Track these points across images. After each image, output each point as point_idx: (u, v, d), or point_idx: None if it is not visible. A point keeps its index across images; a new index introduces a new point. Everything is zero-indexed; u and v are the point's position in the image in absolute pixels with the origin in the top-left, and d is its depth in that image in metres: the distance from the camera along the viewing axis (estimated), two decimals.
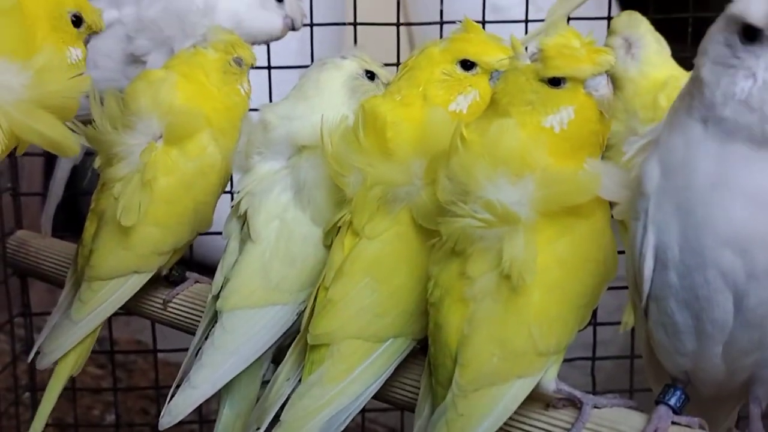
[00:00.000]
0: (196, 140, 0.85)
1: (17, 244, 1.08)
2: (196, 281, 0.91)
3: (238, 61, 0.89)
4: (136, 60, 0.99)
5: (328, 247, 0.75)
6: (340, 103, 0.78)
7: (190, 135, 0.85)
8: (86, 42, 0.73)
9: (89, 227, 0.88)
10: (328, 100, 0.78)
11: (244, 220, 0.78)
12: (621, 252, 0.64)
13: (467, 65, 0.73)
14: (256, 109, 0.82)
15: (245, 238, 0.77)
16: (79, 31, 0.73)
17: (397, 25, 1.12)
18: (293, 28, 1.03)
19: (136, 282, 0.86)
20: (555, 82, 0.60)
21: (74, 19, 0.72)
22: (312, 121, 0.76)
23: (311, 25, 1.09)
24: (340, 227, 0.73)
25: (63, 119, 0.66)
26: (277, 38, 1.04)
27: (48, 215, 1.11)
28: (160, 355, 1.23)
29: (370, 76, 0.80)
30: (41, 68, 0.64)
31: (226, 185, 0.90)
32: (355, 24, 1.12)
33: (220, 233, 0.81)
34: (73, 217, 1.26)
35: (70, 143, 0.67)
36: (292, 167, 0.77)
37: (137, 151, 0.84)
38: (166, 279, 0.90)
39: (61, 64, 0.68)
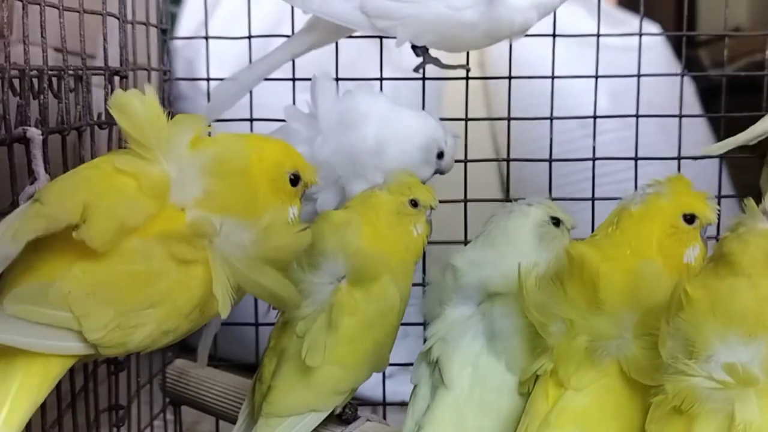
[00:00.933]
0: (380, 283, 0.86)
1: (177, 374, 1.09)
2: (368, 420, 0.91)
3: (414, 203, 0.91)
4: (307, 198, 1.02)
5: (523, 395, 0.74)
6: (529, 250, 0.79)
7: (375, 277, 0.86)
8: (301, 197, 0.76)
9: (268, 364, 0.89)
10: (517, 247, 0.79)
11: (434, 365, 0.78)
12: None
13: (689, 219, 0.74)
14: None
15: (437, 384, 0.77)
16: (296, 189, 0.75)
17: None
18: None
19: (313, 420, 0.86)
20: None
21: (292, 178, 0.75)
22: (502, 268, 0.77)
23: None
24: (537, 376, 0.72)
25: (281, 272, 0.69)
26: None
27: (205, 345, 1.13)
28: None
29: (555, 222, 0.81)
30: (267, 226, 0.67)
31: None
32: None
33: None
34: None
35: (293, 297, 0.70)
36: (483, 314, 0.78)
37: (321, 291, 0.85)
38: (338, 417, 0.90)
39: (284, 220, 0.71)
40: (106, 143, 0.86)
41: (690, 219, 0.74)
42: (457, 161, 1.05)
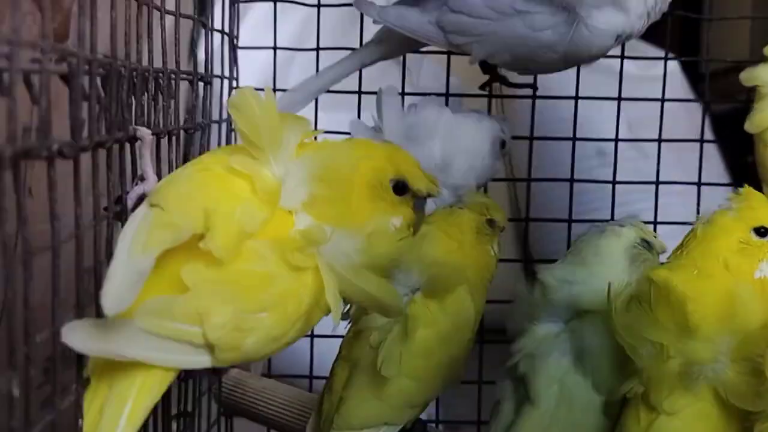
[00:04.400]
0: (455, 295, 0.86)
1: (232, 384, 1.09)
2: None
3: (491, 223, 0.91)
4: None
5: (609, 416, 0.74)
6: (621, 270, 0.79)
7: (450, 289, 0.86)
8: (419, 207, 0.73)
9: (339, 375, 0.88)
10: (609, 267, 0.79)
11: (519, 381, 0.78)
12: None
13: (761, 232, 0.74)
14: None
15: (522, 400, 0.77)
16: (401, 198, 0.71)
17: None
18: None
19: None
20: None
21: (396, 185, 0.71)
22: (593, 286, 0.77)
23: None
24: (625, 397, 0.72)
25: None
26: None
27: None
28: None
29: (646, 245, 0.81)
30: (370, 233, 0.66)
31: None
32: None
33: None
34: None
35: (395, 304, 0.68)
36: (572, 331, 0.78)
37: None
38: None
39: (387, 228, 0.69)
40: (198, 148, 0.87)
41: (763, 232, 0.73)
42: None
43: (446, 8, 0.94)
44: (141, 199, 0.65)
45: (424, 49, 1.06)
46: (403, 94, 1.11)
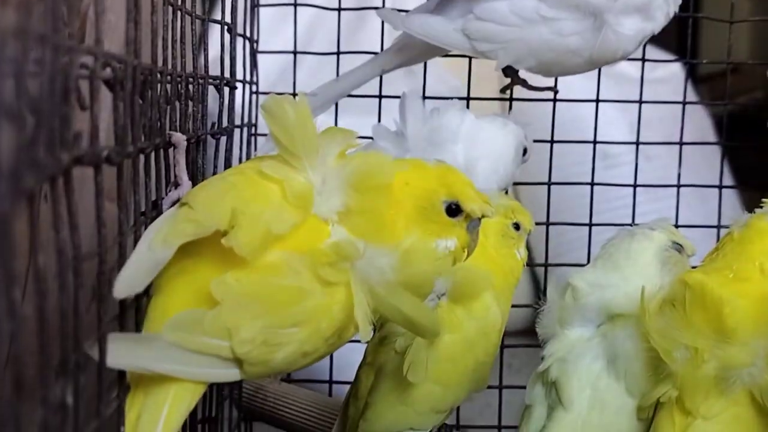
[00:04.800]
0: (481, 300, 0.86)
1: (253, 389, 1.08)
2: None
3: (517, 226, 0.91)
4: None
5: (642, 420, 0.74)
6: (653, 274, 0.78)
7: (476, 295, 0.86)
8: (472, 228, 0.71)
9: (365, 380, 0.88)
10: (641, 271, 0.78)
11: (551, 386, 0.78)
12: None
13: None
14: None
15: (554, 404, 0.77)
16: (454, 221, 0.69)
17: None
18: None
19: None
20: None
21: (450, 207, 0.69)
22: (625, 290, 0.77)
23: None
24: (659, 402, 0.72)
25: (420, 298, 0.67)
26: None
27: None
28: None
29: (678, 248, 0.81)
30: (406, 251, 0.65)
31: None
32: None
33: None
34: None
35: (431, 325, 0.67)
36: (604, 335, 0.77)
37: None
38: None
39: (426, 248, 0.67)
40: (223, 153, 0.86)
41: None
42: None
43: (472, 16, 0.94)
44: (175, 204, 0.65)
45: None
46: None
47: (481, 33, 0.95)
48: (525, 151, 1.01)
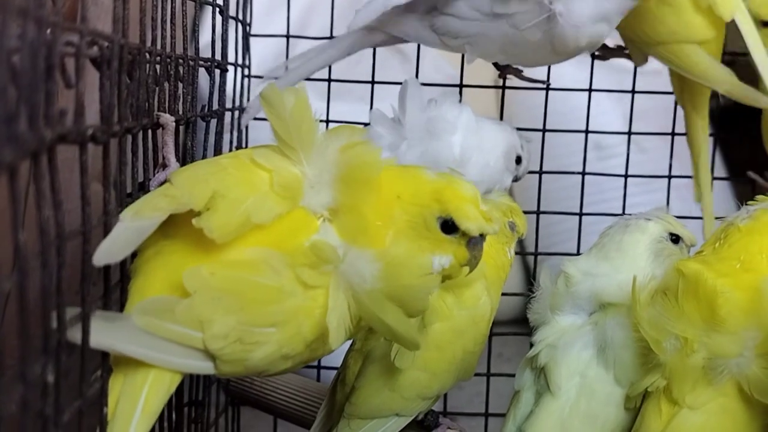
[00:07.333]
0: (472, 289, 0.86)
1: None
2: (449, 428, 0.90)
3: (512, 226, 0.91)
4: None
5: (629, 410, 0.74)
6: (644, 265, 0.78)
7: (467, 284, 0.86)
8: (473, 244, 0.69)
9: (352, 365, 0.88)
10: (632, 261, 0.78)
11: (539, 372, 0.78)
12: None
13: None
14: None
15: (542, 390, 0.77)
16: (450, 238, 0.67)
17: None
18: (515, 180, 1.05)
19: (396, 425, 0.86)
20: None
21: (444, 224, 0.67)
22: (617, 279, 0.77)
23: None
24: (647, 391, 0.72)
25: (409, 315, 0.65)
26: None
27: None
28: None
29: (674, 239, 0.81)
30: (391, 263, 0.63)
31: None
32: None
33: None
34: None
35: (413, 339, 0.65)
36: (595, 324, 0.77)
37: None
38: (419, 424, 0.89)
39: (413, 263, 0.65)
40: (213, 136, 0.86)
41: None
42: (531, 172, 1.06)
43: (437, 11, 0.93)
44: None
45: None
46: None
47: (446, 29, 0.94)
48: (519, 159, 1.00)
